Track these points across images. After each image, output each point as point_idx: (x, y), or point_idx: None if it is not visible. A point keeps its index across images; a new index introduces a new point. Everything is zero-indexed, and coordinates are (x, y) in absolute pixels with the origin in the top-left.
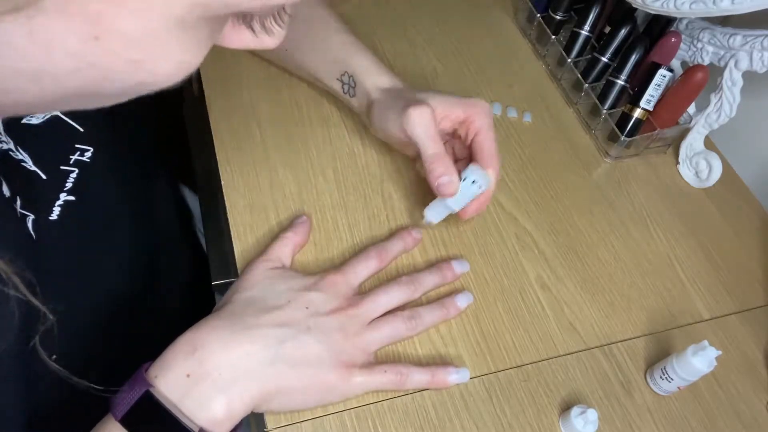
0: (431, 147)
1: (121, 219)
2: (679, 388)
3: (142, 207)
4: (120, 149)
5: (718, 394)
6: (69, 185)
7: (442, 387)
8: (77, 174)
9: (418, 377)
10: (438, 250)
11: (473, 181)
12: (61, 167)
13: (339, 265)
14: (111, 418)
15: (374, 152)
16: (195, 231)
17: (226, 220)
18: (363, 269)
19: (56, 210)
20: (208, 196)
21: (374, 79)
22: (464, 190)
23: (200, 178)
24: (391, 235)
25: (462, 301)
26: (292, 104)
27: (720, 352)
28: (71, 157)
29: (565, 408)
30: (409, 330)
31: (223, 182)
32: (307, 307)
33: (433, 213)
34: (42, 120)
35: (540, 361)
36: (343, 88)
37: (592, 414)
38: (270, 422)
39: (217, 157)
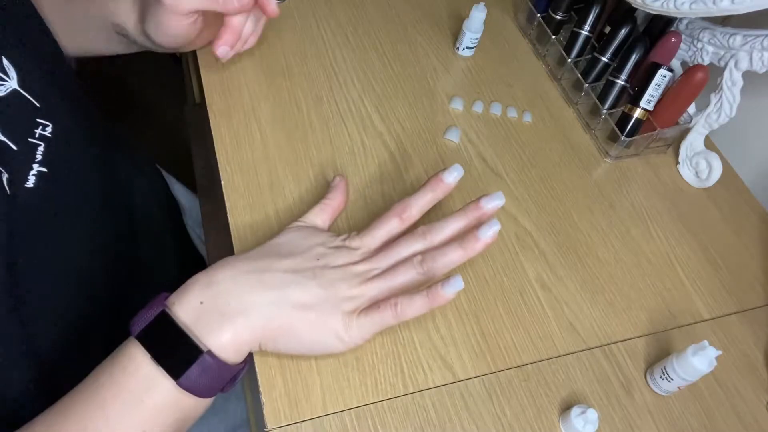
0: None
1: (91, 198)
2: (679, 388)
3: (112, 190)
4: (77, 131)
5: (718, 394)
6: (39, 157)
7: (441, 303)
8: (44, 147)
9: (415, 303)
10: None
11: None
12: (29, 140)
13: (364, 227)
14: (131, 339)
15: (374, 152)
16: (186, 228)
17: (226, 220)
18: (384, 233)
19: (32, 179)
20: (208, 196)
21: None
22: None
23: (200, 178)
24: (421, 185)
25: (486, 233)
26: (292, 104)
27: (720, 352)
28: (35, 131)
29: (565, 408)
30: (420, 275)
31: (223, 182)
32: (317, 259)
33: None
34: (6, 92)
35: (540, 361)
36: None
37: (592, 414)
38: (270, 422)
39: (217, 157)
